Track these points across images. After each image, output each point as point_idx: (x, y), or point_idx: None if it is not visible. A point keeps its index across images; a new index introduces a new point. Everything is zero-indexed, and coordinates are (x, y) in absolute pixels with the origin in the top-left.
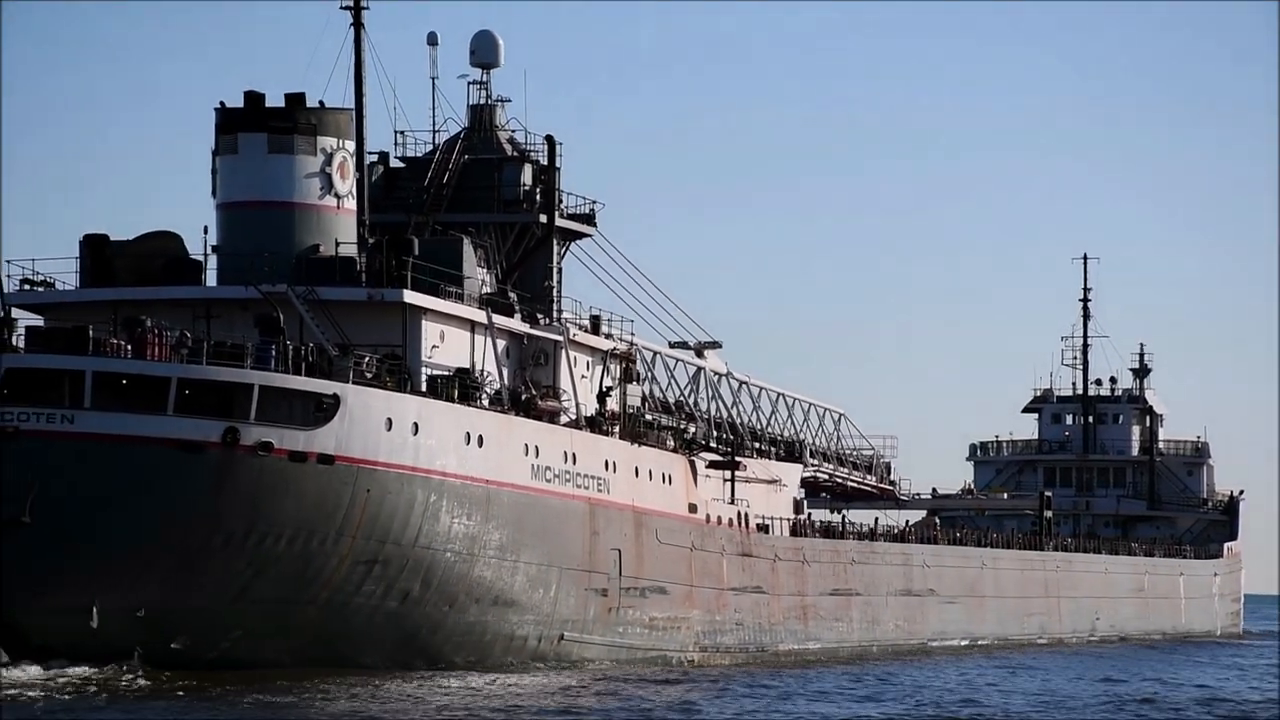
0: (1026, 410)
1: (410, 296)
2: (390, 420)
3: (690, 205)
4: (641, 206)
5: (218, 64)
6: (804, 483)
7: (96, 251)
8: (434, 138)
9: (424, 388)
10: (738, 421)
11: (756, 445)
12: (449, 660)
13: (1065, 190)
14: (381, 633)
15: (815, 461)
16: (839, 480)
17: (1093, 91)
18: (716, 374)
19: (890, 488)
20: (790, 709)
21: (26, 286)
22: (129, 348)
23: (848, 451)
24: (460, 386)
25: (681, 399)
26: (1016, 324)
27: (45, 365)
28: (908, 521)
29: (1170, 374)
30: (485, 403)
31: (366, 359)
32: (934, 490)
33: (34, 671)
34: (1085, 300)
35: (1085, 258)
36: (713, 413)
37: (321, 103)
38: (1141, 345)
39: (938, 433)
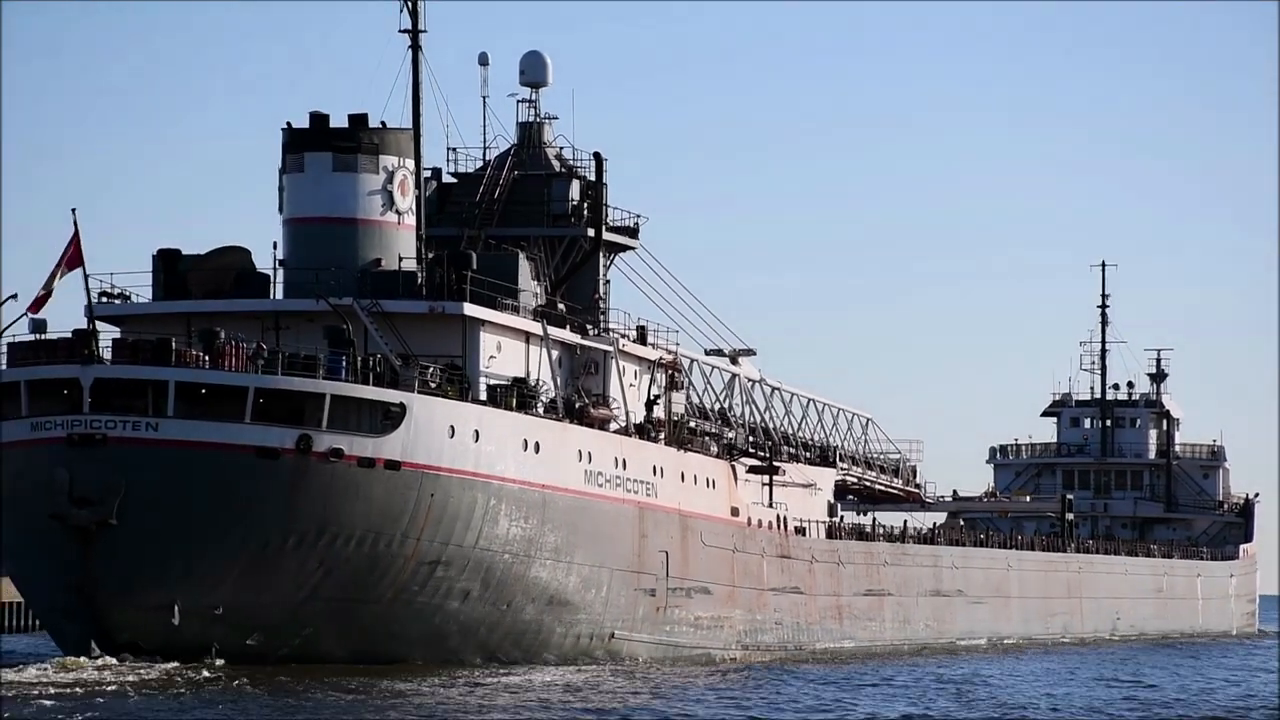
0: (1045, 414)
1: (470, 309)
2: (453, 428)
3: (722, 217)
4: (676, 216)
5: (282, 84)
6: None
7: (170, 265)
8: (484, 154)
9: (483, 397)
10: (771, 427)
11: (789, 450)
12: (506, 657)
13: (1084, 198)
14: (443, 630)
15: (845, 465)
16: (867, 483)
17: (1112, 98)
18: (750, 380)
19: (916, 490)
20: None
21: (104, 299)
22: (206, 359)
23: (875, 455)
24: (518, 395)
25: (721, 406)
26: (1036, 330)
27: (132, 376)
28: (935, 524)
29: (1187, 379)
30: (540, 411)
31: (431, 369)
32: (954, 492)
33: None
34: (1103, 306)
35: (1104, 265)
36: (748, 418)
37: (383, 123)
38: (1158, 351)
39: (958, 436)
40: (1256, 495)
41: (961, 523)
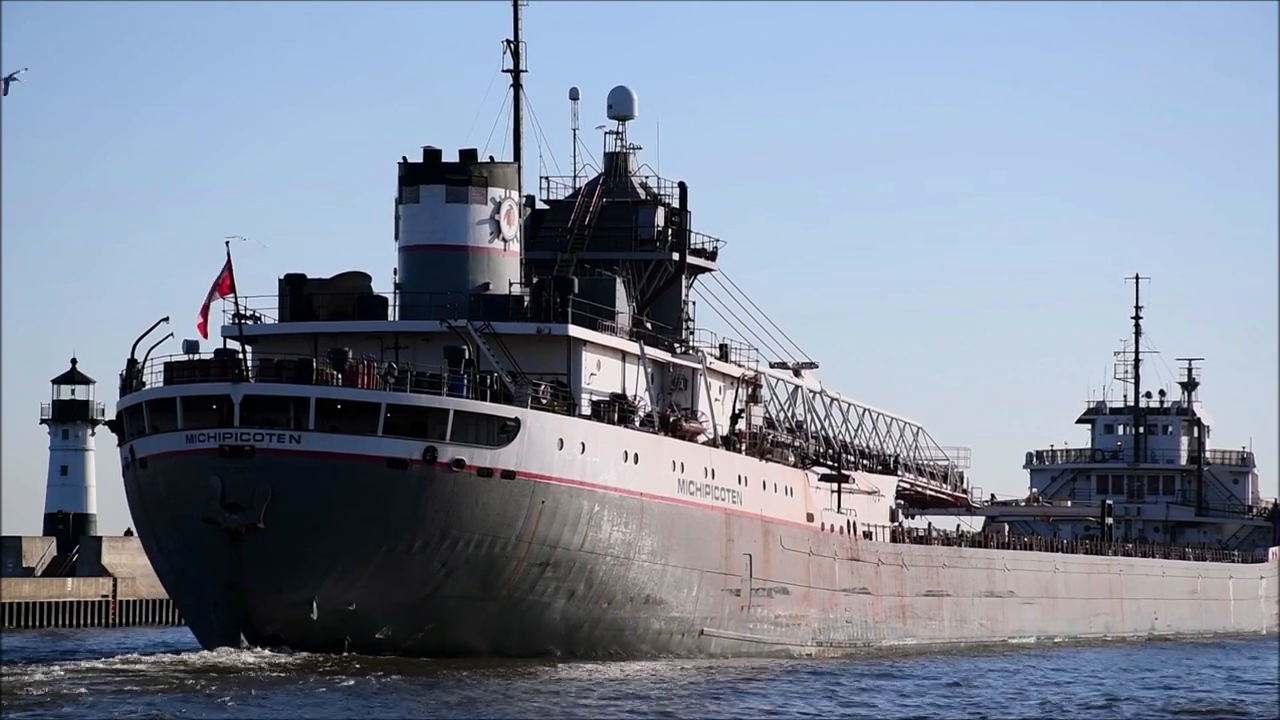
0: (1080, 421)
1: (574, 330)
2: (561, 440)
3: (772, 237)
4: (737, 235)
5: (388, 120)
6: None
7: (296, 289)
8: (574, 182)
9: (587, 411)
10: (832, 436)
11: (849, 458)
12: (606, 650)
13: (1118, 212)
14: (551, 626)
15: (900, 472)
16: (919, 489)
17: (1149, 110)
18: (812, 391)
19: (964, 495)
20: None
21: (238, 320)
22: (339, 377)
23: (925, 462)
24: (618, 410)
25: (797, 418)
26: (1071, 341)
27: (278, 393)
28: (983, 528)
29: (1217, 388)
30: (638, 424)
31: (541, 386)
32: (992, 496)
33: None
34: (1137, 318)
35: (1137, 278)
36: (811, 428)
37: (491, 157)
38: (1190, 361)
39: (996, 442)
40: None
41: (1007, 526)
